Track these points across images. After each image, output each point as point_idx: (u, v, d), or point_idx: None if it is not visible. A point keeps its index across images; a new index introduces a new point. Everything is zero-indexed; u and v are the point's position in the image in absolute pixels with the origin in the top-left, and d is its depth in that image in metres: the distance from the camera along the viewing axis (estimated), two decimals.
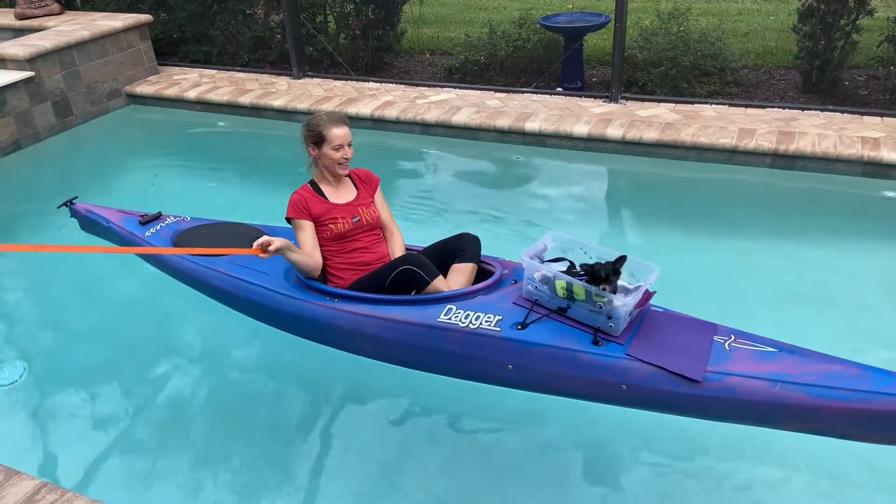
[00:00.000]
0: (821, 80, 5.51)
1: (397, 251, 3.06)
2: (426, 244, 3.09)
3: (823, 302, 3.47)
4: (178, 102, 6.46)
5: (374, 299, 2.77)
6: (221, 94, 6.30)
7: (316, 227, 2.93)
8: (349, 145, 2.94)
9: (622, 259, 2.41)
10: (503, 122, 5.30)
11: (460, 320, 2.58)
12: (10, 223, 4.72)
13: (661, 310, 2.56)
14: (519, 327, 2.48)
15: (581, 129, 5.08)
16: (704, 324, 2.44)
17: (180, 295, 3.47)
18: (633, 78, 5.80)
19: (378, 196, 3.14)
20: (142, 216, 3.77)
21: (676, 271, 3.75)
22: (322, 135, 2.90)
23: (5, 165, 5.52)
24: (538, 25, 6.27)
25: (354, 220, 2.97)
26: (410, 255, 2.84)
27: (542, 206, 4.60)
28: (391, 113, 5.65)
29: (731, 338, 2.35)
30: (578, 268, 2.51)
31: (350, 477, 2.64)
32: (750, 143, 4.70)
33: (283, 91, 6.30)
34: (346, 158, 2.94)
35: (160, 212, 3.80)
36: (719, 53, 5.68)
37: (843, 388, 2.06)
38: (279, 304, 2.98)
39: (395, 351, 2.78)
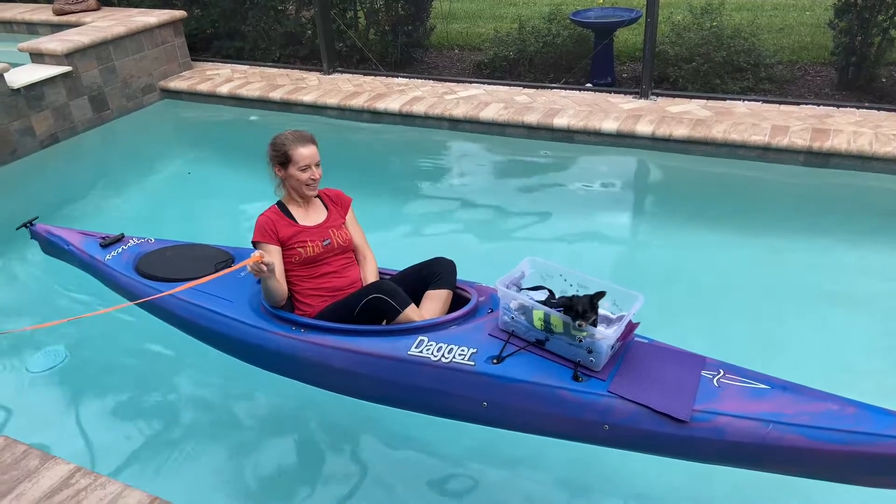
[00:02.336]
0: (857, 77, 5.39)
1: (370, 276, 2.89)
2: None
3: (858, 303, 3.41)
4: (211, 97, 6.55)
5: (340, 329, 2.61)
6: (253, 90, 6.37)
7: (283, 251, 2.76)
8: (317, 165, 2.77)
9: (600, 294, 2.25)
10: (531, 118, 5.28)
11: (432, 353, 2.41)
12: (49, 215, 4.83)
13: (646, 340, 2.41)
14: (494, 361, 2.32)
15: (610, 126, 5.05)
16: (692, 357, 2.30)
17: None
18: (664, 74, 5.74)
19: (350, 217, 2.98)
20: (103, 238, 3.60)
21: (706, 270, 3.74)
22: (288, 155, 2.73)
23: (44, 158, 5.66)
24: (568, 21, 6.23)
25: (325, 244, 2.80)
26: (381, 282, 2.69)
27: (569, 203, 4.58)
28: (419, 108, 5.66)
29: (719, 373, 2.21)
30: (556, 299, 2.39)
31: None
32: (783, 141, 4.62)
33: (314, 86, 6.36)
34: (313, 179, 2.77)
35: (122, 234, 3.63)
36: (753, 49, 5.59)
37: (840, 430, 1.95)
38: (242, 334, 2.79)
39: (363, 385, 2.60)
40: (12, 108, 5.44)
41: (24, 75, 5.57)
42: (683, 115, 5.12)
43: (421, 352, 2.43)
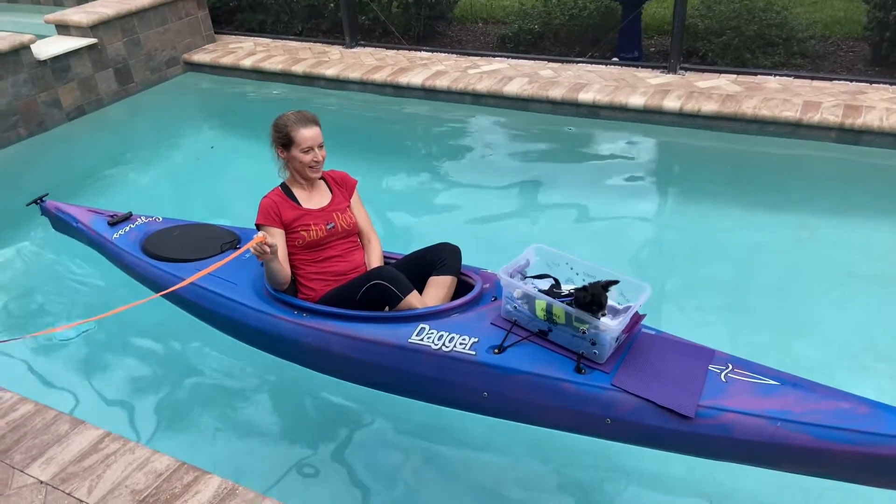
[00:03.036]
0: (891, 53, 5.24)
1: (374, 260, 2.84)
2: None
3: (887, 282, 3.35)
4: (234, 71, 6.55)
5: (342, 315, 2.58)
6: (275, 63, 6.36)
7: (286, 234, 2.73)
8: (320, 147, 2.71)
9: (612, 283, 2.19)
10: (556, 93, 5.21)
11: (433, 341, 2.37)
12: (77, 187, 4.88)
13: (653, 332, 2.34)
14: (496, 351, 2.28)
15: (637, 101, 4.97)
16: (700, 350, 2.24)
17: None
18: (692, 48, 5.62)
19: (355, 200, 2.93)
20: (111, 216, 3.58)
21: (732, 248, 3.69)
22: (290, 136, 2.68)
23: (71, 130, 5.71)
24: None
25: (328, 227, 2.75)
26: (382, 268, 2.65)
27: (592, 181, 4.52)
28: (442, 83, 5.61)
29: (728, 367, 2.14)
30: (570, 289, 2.30)
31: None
32: (815, 117, 4.52)
33: (336, 60, 6.32)
34: (316, 161, 2.71)
35: (131, 212, 3.60)
36: (785, 23, 5.45)
37: (852, 430, 1.87)
38: (244, 317, 2.78)
39: (364, 372, 2.59)
40: (39, 79, 5.48)
41: (50, 47, 5.60)
42: (712, 90, 5.03)
43: (422, 340, 2.40)
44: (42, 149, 5.43)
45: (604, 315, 2.13)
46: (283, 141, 2.71)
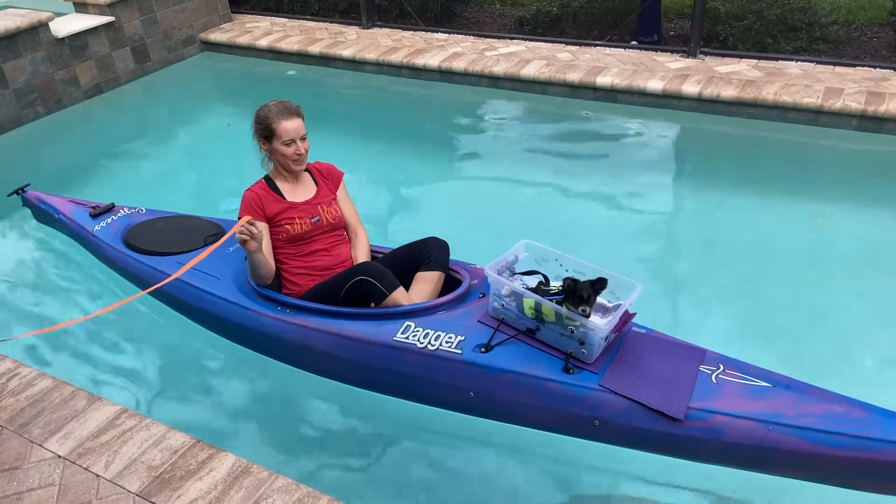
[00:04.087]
0: None
1: (360, 255, 2.79)
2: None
3: None
4: (250, 50, 6.54)
5: (326, 311, 2.53)
6: (292, 43, 6.34)
7: (270, 228, 2.66)
8: (303, 139, 2.65)
9: (602, 282, 2.16)
10: (574, 76, 5.16)
11: (418, 339, 2.33)
12: (95, 165, 4.92)
13: (643, 330, 2.30)
14: (482, 350, 2.24)
15: (655, 85, 4.91)
16: (691, 349, 2.19)
17: None
18: (713, 32, 5.54)
19: (341, 192, 2.86)
20: (94, 207, 3.52)
21: (749, 236, 3.65)
22: (271, 128, 2.62)
23: (89, 108, 5.74)
24: None
25: (313, 220, 2.69)
26: (368, 264, 2.58)
27: (608, 165, 4.49)
28: (459, 65, 5.57)
29: (719, 368, 2.10)
30: (559, 284, 2.26)
31: None
32: (836, 104, 4.45)
33: (352, 41, 6.29)
34: (299, 154, 2.65)
35: (113, 203, 3.55)
36: (808, 7, 5.35)
37: (845, 434, 1.84)
38: (226, 312, 2.74)
39: (348, 370, 2.55)
40: (57, 57, 5.50)
41: (68, 25, 5.61)
42: (732, 75, 4.96)
43: (407, 338, 2.36)
44: (60, 126, 5.46)
45: (586, 312, 2.10)
46: (265, 133, 2.65)
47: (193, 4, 6.59)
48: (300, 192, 2.75)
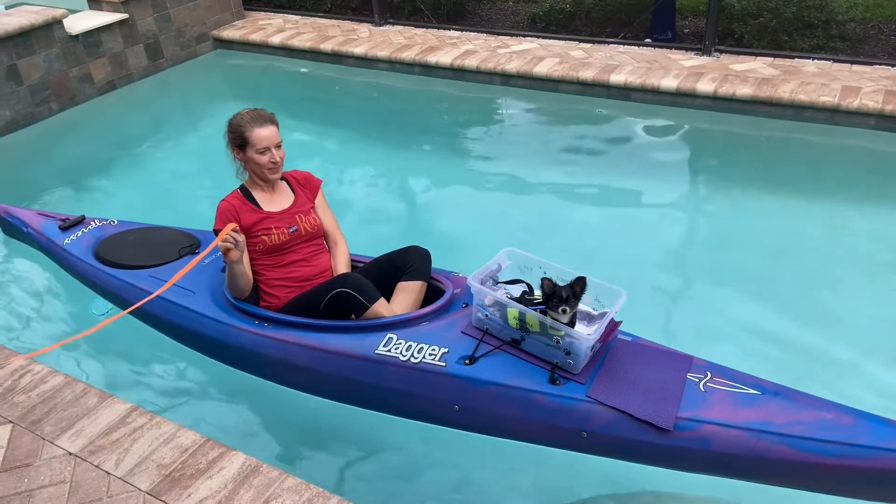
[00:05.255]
0: None
1: (340, 264, 2.71)
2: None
3: None
4: (263, 48, 6.54)
5: (306, 325, 2.47)
6: (304, 41, 6.33)
7: (247, 238, 2.56)
8: (277, 147, 2.56)
9: (581, 281, 2.11)
10: (587, 74, 5.13)
11: (401, 352, 2.28)
12: (108, 161, 4.94)
13: (630, 338, 2.26)
14: (466, 362, 2.19)
15: (669, 83, 4.87)
16: (677, 357, 2.16)
17: None
18: (728, 29, 5.48)
19: (320, 201, 2.79)
20: (63, 220, 3.42)
21: (764, 236, 3.61)
22: (244, 137, 2.53)
23: (102, 104, 5.76)
24: None
25: (291, 230, 2.62)
26: (347, 275, 2.51)
27: (621, 164, 4.46)
28: (471, 62, 5.55)
29: (706, 375, 2.07)
30: (537, 291, 2.23)
31: None
32: (853, 103, 4.40)
33: (365, 38, 6.28)
34: (273, 162, 2.56)
35: (83, 215, 3.45)
36: (825, 5, 5.29)
37: (834, 442, 1.82)
38: (202, 327, 2.66)
39: (329, 385, 2.49)
40: (71, 54, 5.52)
41: (82, 22, 5.63)
42: (748, 73, 4.91)
43: (389, 350, 2.30)
44: (74, 123, 5.48)
45: (566, 312, 2.07)
46: (238, 142, 2.57)
47: (206, 2, 6.60)
48: (277, 201, 2.68)
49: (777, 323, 3.04)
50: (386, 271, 2.64)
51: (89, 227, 3.37)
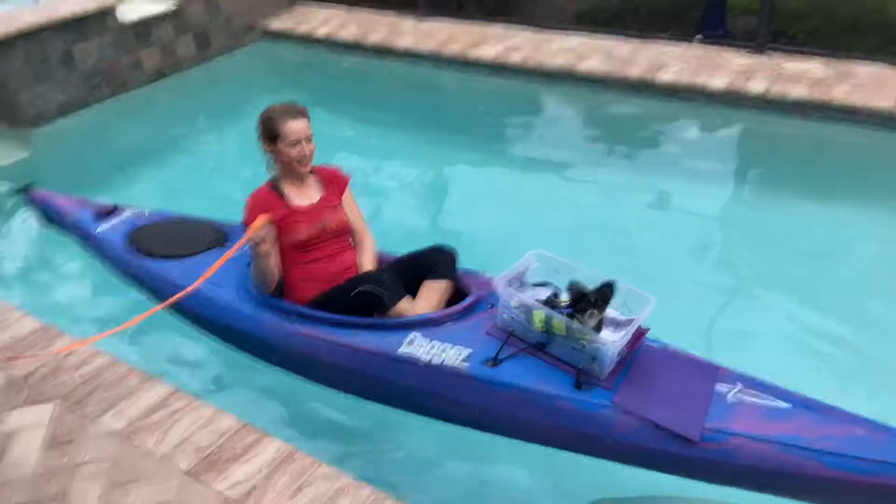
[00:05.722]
0: None
1: (366, 261, 2.70)
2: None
3: None
4: (308, 40, 6.59)
5: (330, 320, 2.47)
6: (349, 33, 6.37)
7: (274, 233, 2.58)
8: (308, 140, 2.56)
9: (609, 286, 2.08)
10: (633, 72, 5.05)
11: (424, 352, 2.27)
12: (153, 149, 5.04)
13: (657, 345, 2.22)
14: (490, 364, 2.17)
15: (718, 83, 4.76)
16: (706, 366, 2.12)
17: None
18: (782, 29, 5.34)
19: (347, 197, 2.78)
20: (97, 208, 3.45)
21: (811, 243, 3.51)
22: (276, 130, 2.54)
23: (151, 92, 5.87)
24: None
25: (318, 226, 2.61)
26: (372, 273, 2.54)
27: (666, 165, 4.38)
28: (515, 58, 5.51)
29: (736, 386, 2.02)
30: (564, 295, 2.21)
31: None
32: None
33: (408, 32, 6.28)
34: (304, 155, 2.56)
35: (116, 204, 3.47)
36: (883, 7, 5.12)
37: (866, 459, 1.76)
38: (229, 319, 2.69)
39: (351, 381, 2.49)
40: (123, 41, 5.64)
41: (134, 11, 5.75)
42: (801, 74, 4.77)
43: (412, 350, 2.29)
44: (123, 109, 5.60)
45: (594, 317, 2.03)
46: (270, 134, 2.57)
47: None
48: (305, 196, 2.68)
49: (815, 334, 2.96)
50: (411, 270, 2.63)
51: (122, 216, 3.41)
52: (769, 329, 3.00)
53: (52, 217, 3.66)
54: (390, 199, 4.19)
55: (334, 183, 2.78)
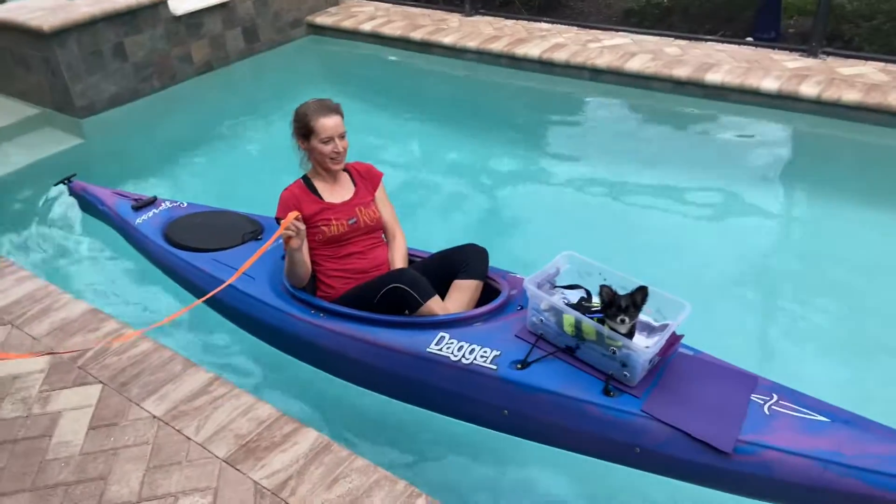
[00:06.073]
0: None
1: (398, 258, 2.71)
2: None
3: None
4: (354, 35, 6.63)
5: (359, 317, 2.48)
6: (394, 29, 6.38)
7: (307, 228, 2.59)
8: (341, 137, 2.58)
9: (642, 291, 2.02)
10: (681, 72, 4.96)
11: (452, 352, 2.26)
12: (199, 141, 5.14)
13: (691, 352, 2.17)
14: (518, 366, 2.15)
15: (770, 85, 4.65)
16: (742, 375, 2.06)
17: None
18: (837, 31, 5.18)
19: (380, 194, 2.79)
20: (136, 200, 3.52)
21: (860, 251, 3.40)
22: (309, 126, 2.56)
23: (199, 84, 5.98)
24: None
25: (350, 222, 2.63)
26: (403, 271, 2.54)
27: (712, 168, 4.27)
28: (560, 56, 5.46)
29: (772, 398, 1.96)
30: (595, 298, 2.17)
31: None
32: None
33: (454, 28, 6.27)
34: (337, 152, 2.58)
35: (155, 196, 3.55)
36: None
37: None
38: (260, 313, 2.72)
39: (379, 379, 2.50)
40: (174, 34, 5.75)
41: (186, 3, 5.85)
42: (856, 78, 4.62)
43: (441, 349, 2.29)
44: (172, 101, 5.71)
45: (625, 322, 1.98)
46: (303, 131, 2.60)
47: None
48: (338, 192, 2.70)
49: (860, 345, 2.86)
50: (442, 268, 2.62)
51: (160, 207, 3.47)
52: (812, 339, 2.92)
53: (93, 207, 3.75)
54: (420, 194, 4.19)
55: (367, 179, 2.79)
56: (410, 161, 4.62)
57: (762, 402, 1.96)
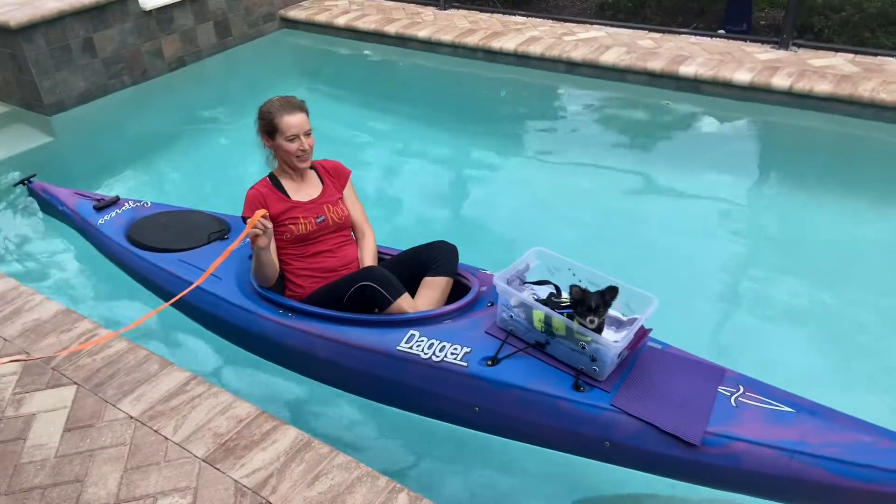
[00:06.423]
0: None
1: (367, 256, 2.68)
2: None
3: None
4: (328, 28, 6.58)
5: (328, 317, 2.46)
6: (369, 23, 6.34)
7: (274, 227, 2.54)
8: (307, 134, 2.54)
9: (612, 290, 2.03)
10: (655, 65, 4.99)
11: (423, 350, 2.25)
12: (170, 137, 5.06)
13: (659, 346, 2.19)
14: (489, 363, 2.15)
15: (742, 77, 4.70)
16: (709, 368, 2.09)
17: None
18: (807, 23, 5.25)
19: (349, 191, 2.75)
20: (98, 200, 3.44)
21: (837, 241, 3.46)
22: (274, 124, 2.52)
23: (172, 80, 5.89)
24: None
25: (318, 220, 2.60)
26: (372, 269, 2.49)
27: (687, 160, 4.32)
28: (535, 49, 5.46)
29: (739, 389, 1.99)
30: (565, 293, 2.17)
31: None
32: None
33: (429, 22, 6.25)
34: (303, 150, 2.54)
35: (118, 196, 3.47)
36: None
37: (872, 467, 1.73)
38: (227, 314, 2.67)
39: (349, 378, 2.47)
40: (144, 29, 5.66)
41: None
42: (827, 69, 4.69)
43: (411, 347, 2.28)
44: (145, 97, 5.62)
45: (594, 323, 1.99)
46: (268, 129, 2.56)
47: None
48: (305, 190, 2.66)
49: (829, 337, 2.92)
50: (412, 265, 2.61)
51: (123, 208, 3.39)
52: (769, 332, 2.96)
53: (53, 208, 3.66)
54: (392, 191, 4.18)
55: (335, 177, 2.75)
56: (382, 156, 4.60)
57: (729, 394, 1.98)
